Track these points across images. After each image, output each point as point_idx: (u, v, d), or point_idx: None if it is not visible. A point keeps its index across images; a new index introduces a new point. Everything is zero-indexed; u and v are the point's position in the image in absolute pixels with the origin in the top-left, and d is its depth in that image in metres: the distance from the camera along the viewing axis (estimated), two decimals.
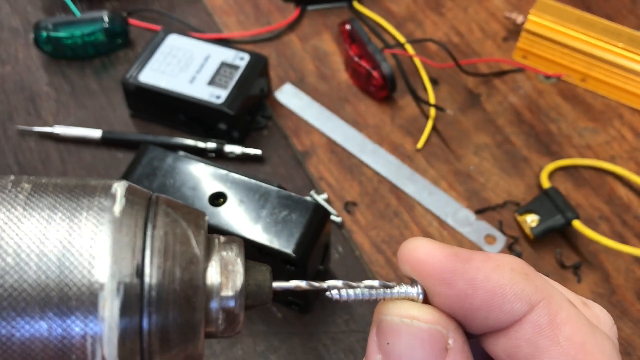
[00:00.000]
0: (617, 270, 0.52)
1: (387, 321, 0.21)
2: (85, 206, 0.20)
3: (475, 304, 0.20)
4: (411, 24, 0.69)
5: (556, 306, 0.20)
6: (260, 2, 0.71)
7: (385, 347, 0.21)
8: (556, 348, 0.20)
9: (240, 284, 0.21)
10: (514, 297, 0.20)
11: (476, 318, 0.21)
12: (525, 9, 0.69)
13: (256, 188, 0.46)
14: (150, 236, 0.20)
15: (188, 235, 0.21)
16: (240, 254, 0.22)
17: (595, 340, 0.20)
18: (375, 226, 0.55)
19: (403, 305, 0.21)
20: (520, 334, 0.20)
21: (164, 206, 0.21)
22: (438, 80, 0.64)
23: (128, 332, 0.19)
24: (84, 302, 0.19)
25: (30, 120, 0.62)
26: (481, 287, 0.20)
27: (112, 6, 0.70)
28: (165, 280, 0.20)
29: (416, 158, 0.59)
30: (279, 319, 0.50)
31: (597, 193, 0.57)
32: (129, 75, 0.58)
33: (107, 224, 0.20)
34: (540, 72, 0.64)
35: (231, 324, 0.22)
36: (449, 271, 0.21)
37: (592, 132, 0.61)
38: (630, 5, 0.70)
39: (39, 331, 0.19)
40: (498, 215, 0.55)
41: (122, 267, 0.19)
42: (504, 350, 0.21)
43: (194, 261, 0.21)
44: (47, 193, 0.20)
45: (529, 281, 0.20)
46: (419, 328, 0.21)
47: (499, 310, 0.20)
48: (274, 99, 0.63)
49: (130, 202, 0.21)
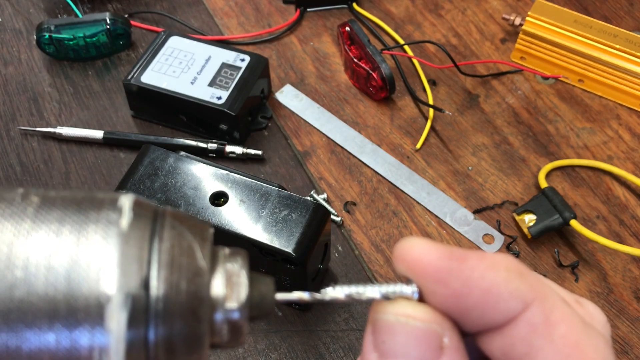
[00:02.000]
0: (614, 270, 0.53)
1: (382, 320, 0.21)
2: (93, 219, 0.20)
3: (470, 302, 0.20)
4: (410, 25, 0.70)
5: (550, 305, 0.20)
6: (260, 4, 0.71)
7: (381, 345, 0.21)
8: (550, 346, 0.20)
9: (245, 296, 0.22)
10: (508, 295, 0.20)
11: (471, 317, 0.21)
12: (523, 10, 0.70)
13: (257, 188, 0.46)
14: (157, 249, 0.20)
15: (194, 247, 0.21)
16: (245, 266, 0.23)
17: (589, 338, 0.20)
18: (374, 226, 0.55)
19: (398, 304, 0.21)
20: (515, 332, 0.20)
21: (170, 219, 0.22)
22: (437, 81, 0.65)
23: (134, 343, 0.19)
24: (91, 314, 0.19)
25: (33, 121, 0.62)
26: (476, 286, 0.20)
27: (114, 8, 0.71)
28: (171, 293, 0.20)
29: (415, 158, 0.59)
30: (280, 317, 0.50)
31: (594, 193, 0.57)
32: (130, 76, 0.59)
33: (114, 237, 0.20)
34: (538, 73, 0.64)
35: (235, 335, 0.22)
36: (444, 270, 0.21)
37: (590, 132, 0.61)
38: (627, 7, 0.70)
39: (47, 343, 0.19)
40: (496, 215, 0.56)
41: (129, 279, 0.20)
42: (499, 348, 0.21)
43: (199, 273, 0.21)
44: (55, 206, 0.21)
45: (524, 280, 0.20)
46: (415, 327, 0.21)
47: (494, 309, 0.20)
48: (275, 99, 0.64)
49: (137, 215, 0.21)
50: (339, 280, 0.52)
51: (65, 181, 0.58)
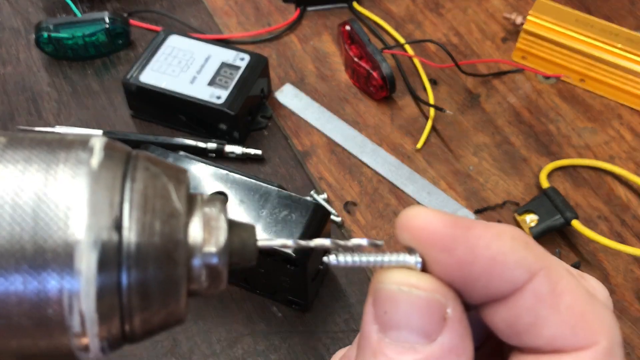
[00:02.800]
0: (616, 270, 0.52)
1: (384, 289, 0.20)
2: (62, 159, 0.19)
3: (475, 271, 0.20)
4: (410, 24, 0.69)
5: (556, 275, 0.20)
6: (260, 3, 0.71)
7: (382, 316, 0.20)
8: (557, 317, 0.20)
9: (224, 240, 0.21)
10: (514, 264, 0.20)
11: (476, 287, 0.20)
12: (524, 9, 0.69)
13: (256, 188, 0.46)
14: (129, 189, 0.19)
15: (169, 189, 0.20)
16: (224, 211, 0.22)
17: (594, 309, 0.20)
18: (374, 226, 0.55)
19: (401, 273, 0.21)
20: (520, 302, 0.20)
21: (144, 161, 0.21)
22: (437, 81, 0.64)
23: (106, 286, 0.19)
24: (60, 255, 0.18)
25: (32, 121, 0.62)
26: (482, 255, 0.20)
27: (113, 7, 0.70)
28: (144, 234, 0.19)
29: (416, 158, 0.59)
30: (279, 319, 0.50)
31: (596, 193, 0.57)
32: (129, 75, 0.59)
33: (84, 176, 0.19)
34: (539, 72, 0.64)
35: (215, 281, 0.21)
36: (449, 238, 0.20)
37: (591, 132, 0.61)
38: (629, 6, 0.70)
39: (14, 285, 0.18)
40: (497, 215, 0.56)
41: (100, 220, 0.19)
42: (504, 320, 0.20)
43: (174, 215, 0.20)
44: (23, 146, 0.20)
45: (530, 250, 0.20)
46: (418, 296, 0.20)
47: (500, 278, 0.20)
48: (274, 99, 0.63)
49: (108, 155, 0.20)
50: (339, 281, 0.52)
51: None
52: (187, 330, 0.49)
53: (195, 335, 0.49)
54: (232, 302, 0.51)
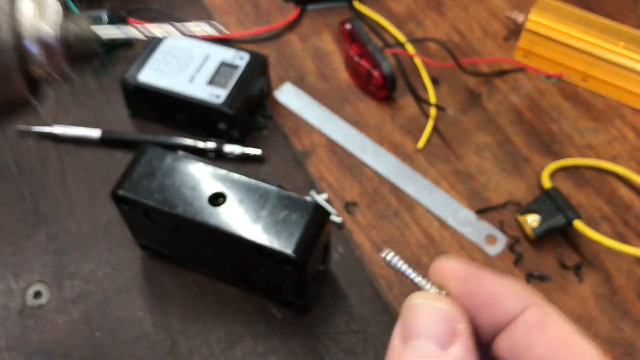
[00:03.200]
0: (618, 271, 0.52)
1: (412, 305, 0.25)
2: None
3: (480, 299, 0.25)
4: (411, 23, 0.69)
5: (546, 310, 0.24)
6: (260, 2, 0.71)
7: (407, 328, 0.24)
8: (544, 340, 0.23)
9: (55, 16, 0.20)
10: (511, 296, 0.25)
11: (482, 314, 0.25)
12: (526, 8, 0.69)
13: (256, 188, 0.46)
14: None
15: None
16: None
17: (578, 339, 0.23)
18: (375, 226, 0.55)
19: (427, 293, 0.26)
20: (517, 328, 0.24)
21: None
22: (438, 80, 0.64)
23: None
24: None
25: (29, 120, 0.61)
26: (485, 286, 0.25)
27: (112, 5, 0.70)
28: None
29: (416, 158, 0.59)
30: (279, 320, 0.50)
31: (598, 193, 0.56)
32: (128, 74, 0.58)
33: None
34: (541, 71, 0.64)
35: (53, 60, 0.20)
36: (464, 273, 0.26)
37: (593, 131, 0.60)
38: (632, 5, 0.69)
39: None
40: (499, 215, 0.55)
41: None
42: (506, 345, 0.24)
43: None
44: None
45: (524, 288, 0.25)
46: (437, 307, 0.24)
47: (499, 306, 0.25)
48: (274, 98, 0.63)
49: None
50: (339, 282, 0.51)
51: (62, 181, 0.57)
52: (186, 332, 0.49)
53: (195, 337, 0.49)
54: (231, 303, 0.50)
